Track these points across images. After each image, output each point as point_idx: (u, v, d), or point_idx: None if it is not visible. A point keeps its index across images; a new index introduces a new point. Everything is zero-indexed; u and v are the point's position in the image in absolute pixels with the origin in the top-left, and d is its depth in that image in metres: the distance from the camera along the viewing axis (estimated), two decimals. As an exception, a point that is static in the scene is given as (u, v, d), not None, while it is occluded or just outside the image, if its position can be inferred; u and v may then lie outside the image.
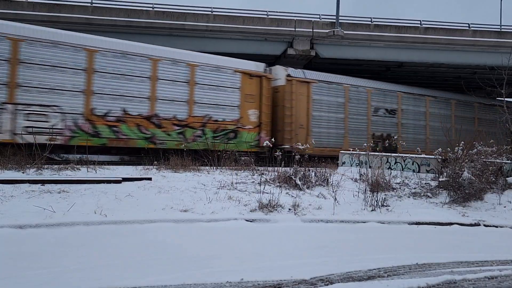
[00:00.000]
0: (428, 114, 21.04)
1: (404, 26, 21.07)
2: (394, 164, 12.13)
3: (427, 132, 20.93)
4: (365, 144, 13.10)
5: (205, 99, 14.71)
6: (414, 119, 20.69)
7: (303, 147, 11.80)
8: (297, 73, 17.21)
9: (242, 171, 11.28)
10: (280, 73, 16.88)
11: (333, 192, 9.14)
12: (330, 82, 17.98)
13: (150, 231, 6.26)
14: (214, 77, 14.94)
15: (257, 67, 16.15)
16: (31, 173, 9.04)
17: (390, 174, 11.12)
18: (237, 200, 8.18)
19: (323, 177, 10.21)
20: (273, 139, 12.58)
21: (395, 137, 19.13)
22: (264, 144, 12.57)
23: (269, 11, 19.91)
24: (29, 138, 11.23)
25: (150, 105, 13.68)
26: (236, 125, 15.35)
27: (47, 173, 9.16)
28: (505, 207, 9.28)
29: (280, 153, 10.31)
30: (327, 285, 4.21)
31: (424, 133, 20.94)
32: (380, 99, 19.48)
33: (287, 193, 9.06)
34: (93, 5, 18.09)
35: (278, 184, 9.61)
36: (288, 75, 16.81)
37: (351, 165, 12.72)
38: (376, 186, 9.26)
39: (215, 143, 14.24)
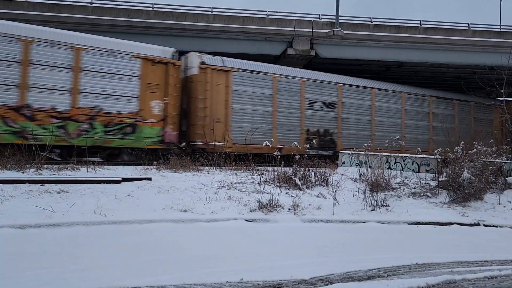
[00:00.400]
0: (374, 108, 19.39)
1: (403, 26, 21.08)
2: (394, 164, 12.13)
3: (373, 127, 19.29)
4: (295, 143, 12.57)
5: (94, 88, 12.88)
6: (358, 113, 18.96)
7: (219, 143, 11.05)
8: (214, 60, 15.35)
9: (242, 171, 11.29)
10: (194, 60, 15.14)
11: (333, 192, 9.14)
12: (255, 71, 16.18)
13: (150, 231, 6.26)
14: (107, 62, 13.10)
15: (163, 52, 14.33)
16: (31, 173, 9.04)
17: (390, 174, 11.13)
18: (237, 200, 8.18)
19: (322, 177, 10.21)
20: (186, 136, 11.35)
21: (334, 132, 17.97)
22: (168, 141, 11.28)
23: (269, 11, 19.92)
24: None
25: (19, 94, 11.81)
26: (135, 118, 13.54)
27: (46, 173, 9.16)
28: (504, 207, 9.28)
29: (189, 150, 9.30)
30: (327, 285, 4.21)
31: (370, 129, 19.23)
32: (317, 91, 17.70)
33: (286, 193, 9.06)
34: (93, 5, 18.09)
35: (278, 184, 9.61)
36: (203, 63, 15.02)
37: (350, 165, 12.73)
38: (376, 186, 9.27)
39: (107, 138, 12.95)
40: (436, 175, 10.91)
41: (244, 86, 15.87)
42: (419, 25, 21.08)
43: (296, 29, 19.81)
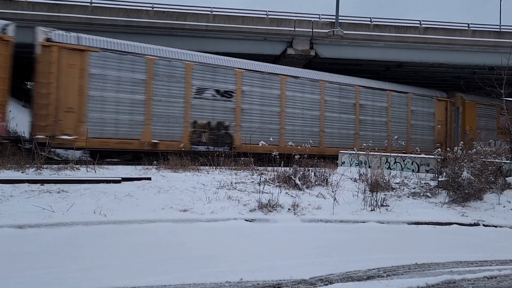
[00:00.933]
0: (285, 98, 16.92)
1: (403, 26, 21.08)
2: (394, 164, 12.13)
3: (282, 120, 16.81)
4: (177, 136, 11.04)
5: None
6: (264, 104, 16.40)
7: (70, 137, 9.99)
8: (66, 37, 12.83)
9: (242, 171, 11.28)
10: (38, 37, 12.62)
11: (333, 192, 9.14)
12: (122, 51, 13.67)
13: (150, 231, 6.26)
14: None
15: None
16: (30, 173, 9.04)
17: (390, 174, 11.13)
18: (237, 200, 8.18)
19: (322, 177, 10.21)
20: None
21: (231, 126, 15.56)
22: None
23: (268, 11, 19.92)
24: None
25: None
26: None
27: (46, 173, 9.16)
28: (504, 207, 9.28)
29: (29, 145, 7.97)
30: (327, 285, 4.21)
31: (278, 122, 16.72)
32: (208, 77, 15.17)
33: (286, 193, 9.06)
34: (93, 4, 18.08)
35: (278, 184, 9.61)
36: (48, 39, 12.51)
37: (350, 165, 12.73)
38: (375, 186, 9.27)
39: None
40: (436, 175, 10.92)
41: (107, 69, 13.39)
42: (419, 25, 21.09)
43: (296, 29, 19.81)
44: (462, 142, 11.02)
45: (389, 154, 12.65)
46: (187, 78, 14.76)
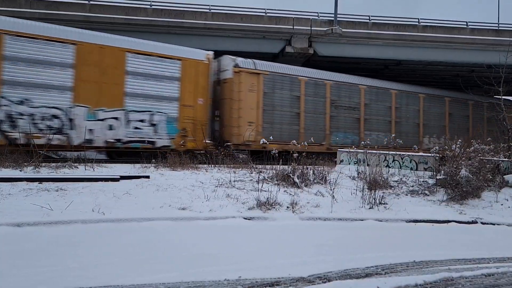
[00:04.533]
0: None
1: (402, 24, 21.06)
2: (392, 162, 12.14)
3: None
4: None
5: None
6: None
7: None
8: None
9: (240, 169, 11.28)
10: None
11: (331, 190, 9.16)
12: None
13: (148, 229, 6.26)
14: None
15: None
16: (28, 171, 9.02)
17: (388, 172, 11.15)
18: (235, 198, 8.18)
19: (321, 175, 10.22)
20: None
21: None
22: None
23: (267, 9, 19.89)
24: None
25: None
26: None
27: (44, 171, 9.14)
28: (502, 205, 9.31)
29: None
30: (325, 282, 4.22)
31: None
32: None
33: (285, 191, 9.06)
34: (91, 2, 18.02)
35: (276, 182, 9.61)
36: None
37: (349, 163, 12.74)
38: (373, 184, 9.28)
39: None
40: (434, 173, 10.93)
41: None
42: (417, 23, 21.07)
43: (294, 27, 19.78)
44: (459, 140, 11.03)
45: (387, 152, 12.67)
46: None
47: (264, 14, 19.73)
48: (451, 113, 22.39)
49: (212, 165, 11.83)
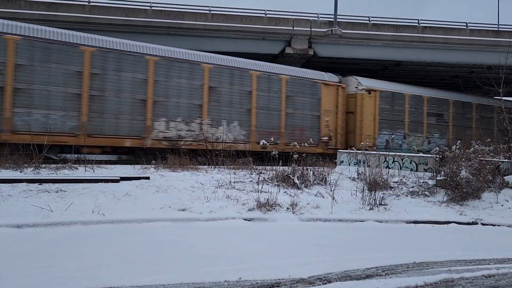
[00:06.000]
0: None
1: (401, 25, 21.08)
2: (392, 163, 12.14)
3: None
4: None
5: None
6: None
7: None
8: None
9: (240, 170, 11.28)
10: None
11: (331, 191, 9.16)
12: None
13: (148, 230, 6.26)
14: None
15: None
16: (28, 172, 9.02)
17: (388, 173, 11.14)
18: (235, 199, 8.18)
19: (321, 176, 10.22)
20: None
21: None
22: None
23: (267, 10, 19.90)
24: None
25: None
26: None
27: (44, 172, 9.14)
28: (502, 205, 9.31)
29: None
30: (325, 283, 4.22)
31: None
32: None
33: (285, 192, 9.06)
34: (91, 4, 18.02)
35: (276, 183, 9.61)
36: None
37: (349, 164, 12.74)
38: (374, 185, 9.28)
39: None
40: (434, 174, 10.93)
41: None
42: (417, 24, 21.09)
43: (294, 28, 19.80)
44: (459, 141, 11.05)
45: (387, 153, 12.67)
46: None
47: (264, 15, 19.75)
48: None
49: (212, 166, 11.83)
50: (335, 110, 17.86)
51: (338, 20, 19.67)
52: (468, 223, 8.20)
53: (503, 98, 15.31)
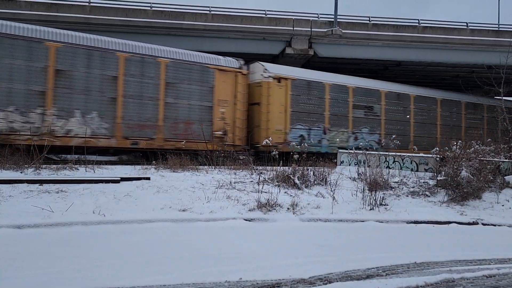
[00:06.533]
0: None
1: (402, 25, 21.09)
2: (393, 163, 12.14)
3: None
4: None
5: None
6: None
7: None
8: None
9: (241, 170, 11.28)
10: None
11: (332, 191, 9.15)
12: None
13: (149, 230, 6.26)
14: None
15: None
16: (29, 173, 9.02)
17: (389, 173, 11.14)
18: (236, 200, 8.18)
19: (321, 176, 10.22)
20: None
21: None
22: None
23: (267, 11, 19.92)
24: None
25: None
26: None
27: (45, 173, 9.14)
28: (503, 205, 9.30)
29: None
30: (326, 284, 4.22)
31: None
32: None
33: (285, 192, 9.06)
34: (91, 4, 18.04)
35: (277, 183, 9.61)
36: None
37: (349, 164, 12.73)
38: (374, 185, 9.28)
39: None
40: (435, 174, 10.93)
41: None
42: (417, 24, 21.10)
43: (294, 28, 19.81)
44: (460, 141, 11.05)
45: (387, 153, 12.67)
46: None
47: (264, 15, 19.76)
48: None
49: (213, 166, 11.83)
50: (233, 100, 15.08)
51: (338, 20, 19.68)
52: (469, 223, 8.19)
53: (504, 98, 15.31)
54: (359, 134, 18.38)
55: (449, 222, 8.11)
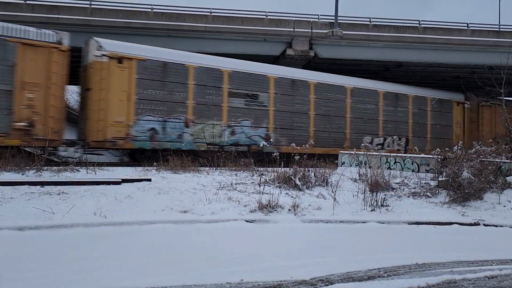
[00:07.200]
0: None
1: (402, 26, 21.07)
2: (394, 164, 12.13)
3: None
4: None
5: None
6: None
7: None
8: None
9: (242, 171, 11.28)
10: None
11: (333, 192, 9.14)
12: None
13: (150, 232, 6.26)
14: None
15: None
16: (30, 175, 9.04)
17: (390, 174, 11.12)
18: (237, 201, 8.18)
19: (322, 177, 10.21)
20: None
21: None
22: None
23: (268, 12, 19.91)
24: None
25: None
26: None
27: (46, 175, 9.16)
28: (504, 206, 9.28)
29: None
30: (327, 285, 4.21)
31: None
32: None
33: (286, 193, 9.06)
34: (92, 6, 18.08)
35: (278, 184, 9.61)
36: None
37: (350, 165, 12.72)
38: (375, 186, 9.26)
39: None
40: (436, 175, 10.91)
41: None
42: (418, 25, 21.09)
43: (295, 30, 19.81)
44: (461, 142, 11.03)
45: (389, 154, 12.66)
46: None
47: (264, 16, 19.76)
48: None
49: (214, 168, 11.83)
50: (47, 83, 12.03)
51: (339, 21, 19.69)
52: (470, 224, 8.17)
53: (505, 98, 15.30)
54: (238, 128, 15.52)
55: (451, 223, 8.09)
